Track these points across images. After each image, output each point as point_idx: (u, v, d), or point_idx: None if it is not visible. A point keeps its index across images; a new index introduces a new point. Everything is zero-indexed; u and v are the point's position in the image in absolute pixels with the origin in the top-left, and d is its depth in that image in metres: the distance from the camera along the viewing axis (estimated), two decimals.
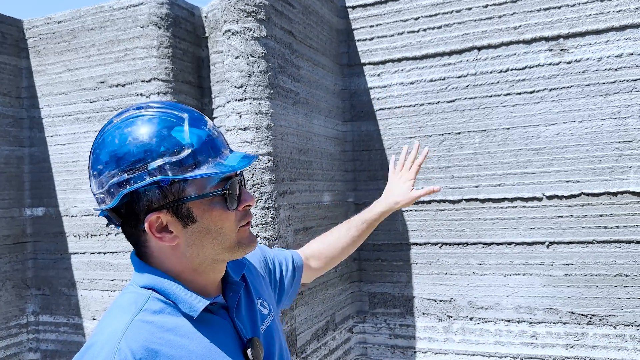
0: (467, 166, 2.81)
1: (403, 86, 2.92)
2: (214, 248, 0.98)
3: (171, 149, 0.93)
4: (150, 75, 3.19)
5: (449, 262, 2.85)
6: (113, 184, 0.93)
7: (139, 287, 0.98)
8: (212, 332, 0.98)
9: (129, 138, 0.93)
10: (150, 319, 0.93)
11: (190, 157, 0.94)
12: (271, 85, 2.22)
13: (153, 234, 0.95)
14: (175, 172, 0.93)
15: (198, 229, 0.96)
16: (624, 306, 2.53)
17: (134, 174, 0.92)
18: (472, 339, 2.79)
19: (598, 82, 2.59)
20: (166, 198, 0.93)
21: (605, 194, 2.57)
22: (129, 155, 0.92)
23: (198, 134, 0.96)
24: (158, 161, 0.92)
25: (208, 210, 0.96)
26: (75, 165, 3.37)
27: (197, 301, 0.96)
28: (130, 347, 0.88)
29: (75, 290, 3.40)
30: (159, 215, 0.94)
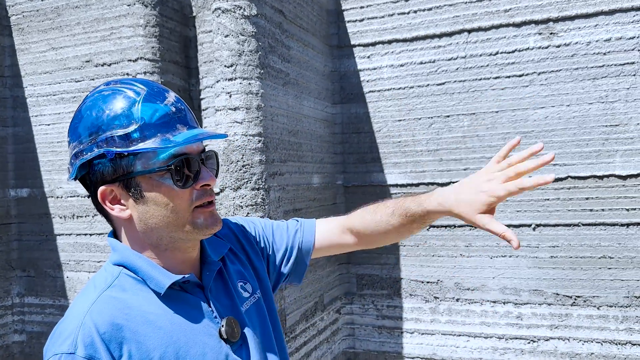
0: (455, 149, 2.83)
1: (393, 68, 2.92)
2: (165, 225, 0.97)
3: (120, 123, 0.94)
4: (137, 55, 3.14)
5: (436, 245, 2.87)
6: (72, 155, 0.97)
7: (111, 265, 1.00)
8: (183, 310, 0.97)
9: (87, 112, 0.97)
10: (117, 295, 0.94)
11: (137, 131, 0.94)
12: (261, 65, 2.20)
13: (104, 204, 0.97)
14: (120, 145, 0.94)
15: (147, 204, 0.97)
16: (607, 287, 2.58)
17: (86, 146, 0.95)
18: (459, 319, 2.83)
19: (586, 66, 2.60)
20: (116, 171, 0.95)
21: (591, 177, 2.60)
22: (84, 128, 0.96)
23: (153, 108, 0.96)
24: (107, 133, 0.94)
25: (157, 185, 0.96)
26: (60, 146, 3.32)
27: (164, 277, 0.97)
28: (95, 322, 0.89)
29: (61, 272, 3.37)
30: (112, 187, 0.96)
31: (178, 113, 0.99)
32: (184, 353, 0.94)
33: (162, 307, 0.96)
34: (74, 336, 0.88)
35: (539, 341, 2.68)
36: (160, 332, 0.93)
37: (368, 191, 2.98)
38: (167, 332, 0.94)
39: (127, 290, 0.95)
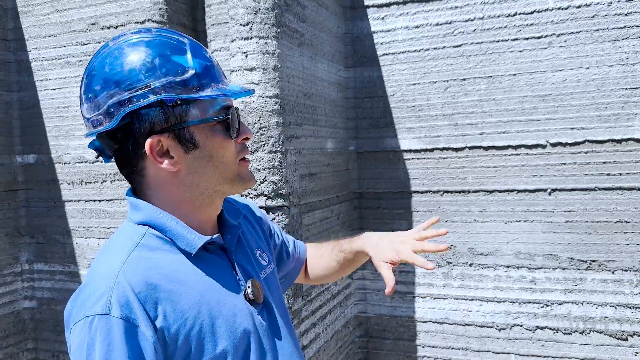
0: (471, 113, 2.78)
1: (408, 30, 2.85)
2: (215, 177, 0.96)
3: (174, 70, 0.91)
4: (144, 17, 3.06)
5: (450, 210, 2.86)
6: (113, 103, 0.90)
7: (134, 224, 0.96)
8: (210, 270, 0.96)
9: (130, 58, 0.91)
10: (147, 255, 0.91)
11: (195, 78, 0.92)
12: (278, 23, 2.14)
13: (154, 157, 0.92)
14: (179, 92, 0.90)
15: (200, 155, 0.94)
16: (623, 252, 2.57)
17: (137, 93, 0.89)
18: (471, 284, 2.83)
19: (607, 28, 2.54)
20: (168, 121, 0.91)
21: (609, 141, 2.57)
22: (131, 74, 0.90)
23: (200, 58, 0.94)
24: (162, 80, 0.90)
25: (211, 136, 0.94)
26: (67, 111, 3.27)
27: (195, 237, 0.94)
28: (129, 281, 0.86)
29: (70, 238, 3.36)
30: (160, 138, 0.91)
31: (218, 66, 0.99)
32: (216, 313, 0.92)
33: (192, 268, 0.93)
34: (108, 296, 0.84)
35: (553, 305, 2.69)
36: (193, 292, 0.91)
37: (381, 157, 2.95)
38: (199, 292, 0.92)
39: (155, 250, 0.92)
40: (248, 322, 0.97)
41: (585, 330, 2.64)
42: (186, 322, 0.88)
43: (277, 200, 2.15)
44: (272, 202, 2.15)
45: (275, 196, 2.15)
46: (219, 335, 0.91)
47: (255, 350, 0.96)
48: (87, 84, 0.94)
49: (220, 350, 0.91)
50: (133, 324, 0.84)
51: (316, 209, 2.54)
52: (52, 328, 3.38)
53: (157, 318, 0.86)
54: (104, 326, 0.83)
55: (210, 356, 0.90)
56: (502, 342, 2.78)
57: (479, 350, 2.83)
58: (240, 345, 0.94)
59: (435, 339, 2.91)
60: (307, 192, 2.40)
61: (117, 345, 0.82)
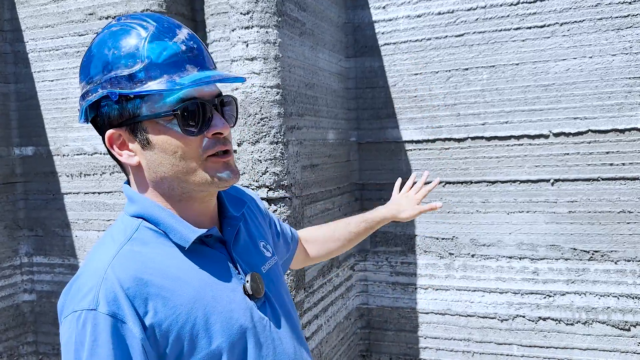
0: (474, 103, 2.76)
1: (409, 19, 2.82)
2: (175, 174, 0.91)
3: (125, 63, 0.88)
4: (142, 7, 3.02)
5: (452, 201, 2.84)
6: (81, 96, 0.93)
7: (128, 216, 0.94)
8: (207, 265, 0.93)
9: (95, 50, 0.92)
10: (139, 249, 0.89)
11: (142, 71, 0.88)
12: (279, 12, 2.11)
13: (113, 149, 0.92)
14: (125, 86, 0.88)
15: (155, 151, 0.91)
16: (626, 242, 2.56)
17: (90, 87, 0.91)
18: (474, 275, 2.82)
19: (611, 16, 2.52)
20: (122, 115, 0.90)
21: (612, 131, 2.55)
22: (92, 68, 0.91)
23: (161, 47, 0.88)
24: (112, 73, 0.88)
25: (164, 131, 0.90)
26: (65, 103, 3.24)
27: (189, 231, 0.91)
28: (118, 277, 0.84)
29: (69, 230, 3.34)
30: (120, 132, 0.91)
31: (189, 52, 0.91)
32: (211, 309, 0.89)
33: (186, 262, 0.91)
34: (95, 292, 0.82)
35: (555, 296, 2.68)
36: (187, 288, 0.88)
37: (382, 148, 2.93)
38: (193, 287, 0.89)
39: (148, 243, 0.90)
40: (246, 317, 0.94)
41: (587, 321, 2.64)
42: (178, 319, 0.86)
43: (278, 191, 2.13)
44: (273, 194, 2.13)
45: (277, 187, 2.13)
46: (214, 331, 0.89)
47: (253, 346, 0.94)
48: None
49: (215, 347, 0.89)
50: (120, 321, 0.82)
51: (318, 201, 2.52)
52: (52, 321, 3.37)
53: (147, 315, 0.84)
54: (91, 322, 0.81)
55: (205, 353, 0.88)
56: (504, 333, 2.78)
57: (481, 341, 2.82)
58: (237, 342, 0.92)
59: (437, 330, 2.91)
60: (308, 184, 2.38)
61: (103, 341, 0.81)
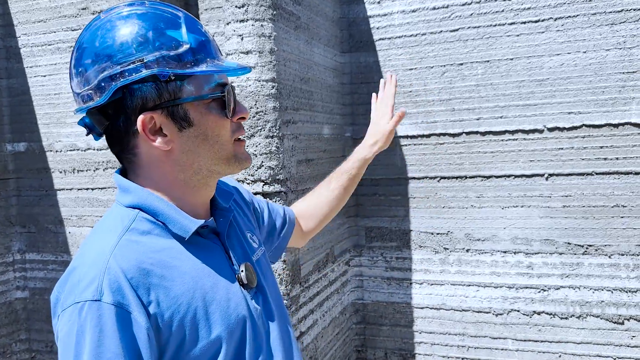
0: (468, 98, 2.76)
1: (404, 14, 2.82)
2: (210, 157, 0.93)
3: (168, 44, 0.87)
4: None
5: (447, 196, 2.85)
6: (105, 77, 0.86)
7: (124, 207, 0.92)
8: (204, 255, 0.93)
9: (122, 31, 0.87)
10: (138, 239, 0.88)
11: (189, 53, 0.88)
12: (274, 5, 2.11)
13: (146, 135, 0.89)
14: (173, 67, 0.87)
15: (195, 133, 0.91)
16: (619, 236, 2.57)
17: (129, 67, 0.86)
18: (468, 270, 2.83)
19: (604, 11, 2.53)
20: (162, 97, 0.88)
21: (606, 126, 2.56)
22: (123, 47, 0.86)
23: (195, 33, 0.91)
24: (156, 54, 0.86)
25: (205, 113, 0.91)
26: (58, 98, 3.21)
27: (189, 221, 0.91)
28: (121, 266, 0.83)
29: (62, 227, 3.31)
30: (153, 115, 0.88)
31: (214, 42, 0.95)
32: (210, 298, 0.90)
33: (185, 252, 0.91)
34: (99, 281, 0.80)
35: (550, 290, 2.70)
36: (186, 277, 0.88)
37: None
38: (192, 277, 0.89)
39: (146, 234, 0.89)
40: (242, 307, 0.95)
41: (582, 315, 2.65)
42: (180, 308, 0.86)
43: (274, 185, 2.12)
44: (269, 188, 2.12)
45: (273, 182, 2.12)
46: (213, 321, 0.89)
47: (250, 336, 0.95)
48: (76, 58, 0.90)
49: (215, 336, 0.89)
50: (126, 310, 0.81)
51: None
52: (45, 318, 3.34)
53: (150, 304, 0.83)
54: (95, 313, 0.79)
55: (205, 342, 0.88)
56: (499, 328, 2.79)
57: (476, 336, 2.83)
58: (235, 331, 0.92)
59: (432, 324, 2.91)
60: (304, 178, 2.38)
61: (109, 332, 0.79)
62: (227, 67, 0.92)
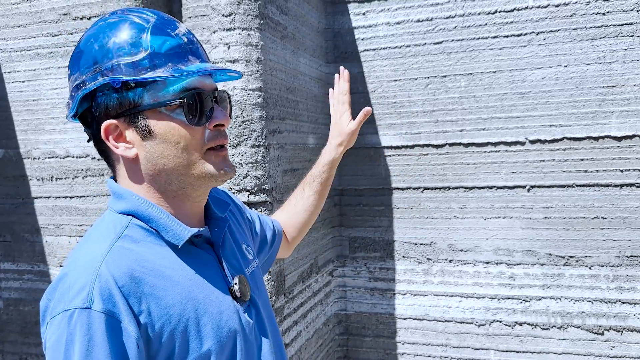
0: (452, 110, 2.79)
1: (389, 26, 2.84)
2: (175, 167, 0.90)
3: (128, 51, 0.87)
4: (119, 7, 2.97)
5: (430, 207, 2.86)
6: (74, 87, 0.90)
7: (116, 213, 0.91)
8: (197, 265, 0.92)
9: (91, 40, 0.90)
10: (131, 246, 0.86)
11: (147, 59, 0.87)
12: (261, 15, 2.10)
13: (108, 140, 0.89)
14: (128, 74, 0.86)
15: (156, 141, 0.89)
16: (599, 247, 2.61)
17: (88, 76, 0.88)
18: (451, 280, 2.84)
19: (585, 27, 2.58)
20: (122, 105, 0.88)
21: (587, 139, 2.61)
22: (88, 57, 0.89)
23: (163, 37, 0.89)
24: (113, 61, 0.87)
25: (167, 120, 0.88)
26: (36, 104, 3.15)
27: (182, 229, 0.90)
28: (112, 273, 0.81)
29: (39, 236, 3.24)
30: (117, 123, 0.88)
31: (190, 44, 0.92)
32: (202, 310, 0.88)
33: (177, 261, 0.89)
34: (89, 289, 0.79)
35: (531, 301, 2.72)
36: (178, 288, 0.87)
37: (361, 153, 2.93)
38: (185, 287, 0.88)
39: (139, 241, 0.88)
40: (234, 320, 0.93)
41: (563, 325, 2.68)
42: (171, 319, 0.84)
43: (259, 195, 2.10)
44: (254, 198, 2.10)
45: (258, 191, 2.10)
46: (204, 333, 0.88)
47: (241, 350, 0.93)
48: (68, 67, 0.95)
49: (206, 350, 0.88)
50: (116, 319, 0.79)
51: None
52: (19, 330, 3.25)
53: (141, 314, 0.82)
54: (84, 321, 0.78)
55: (195, 355, 0.86)
56: (481, 338, 2.80)
57: (458, 347, 2.84)
58: (226, 345, 0.91)
59: (415, 335, 2.91)
60: (289, 188, 2.36)
61: (98, 340, 0.78)
62: (184, 71, 0.88)
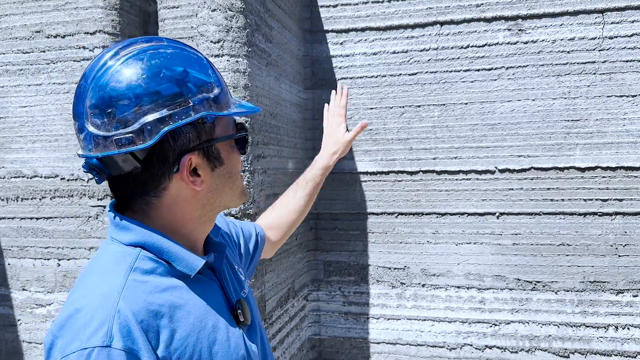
0: (425, 139, 2.88)
1: (366, 56, 2.92)
2: (230, 193, 0.97)
3: (204, 86, 0.88)
4: (95, 27, 2.94)
5: (404, 232, 2.92)
6: (151, 121, 0.83)
7: (122, 244, 0.90)
8: (204, 292, 0.93)
9: (162, 70, 0.85)
10: (143, 278, 0.86)
11: (221, 95, 0.91)
12: (248, 43, 2.14)
13: (187, 177, 0.89)
14: (214, 109, 0.89)
15: (223, 172, 0.94)
16: (565, 273, 2.73)
17: (177, 109, 0.84)
18: (424, 304, 2.90)
19: (551, 63, 2.74)
20: (200, 138, 0.88)
21: (553, 169, 2.74)
22: (167, 88, 0.84)
23: (217, 75, 0.93)
24: (199, 96, 0.87)
25: (231, 152, 0.95)
26: (3, 122, 3.06)
27: (195, 259, 0.91)
28: (132, 309, 0.81)
29: (1, 258, 3.11)
30: (191, 157, 0.88)
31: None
32: (212, 339, 0.90)
33: (188, 291, 0.90)
34: (109, 326, 0.78)
35: (501, 325, 2.81)
36: (191, 317, 0.88)
37: (338, 178, 2.98)
38: (196, 316, 0.89)
39: (149, 273, 0.88)
40: (241, 346, 0.95)
41: (530, 349, 2.77)
42: (186, 350, 0.85)
43: (244, 219, 2.11)
44: None
45: (243, 216, 2.11)
46: None
47: None
48: (98, 98, 0.84)
49: None
50: (135, 356, 0.79)
51: None
52: None
53: (159, 347, 0.82)
54: (104, 359, 0.77)
55: None
56: None
57: None
58: None
59: (388, 359, 2.94)
60: None
61: None
62: (252, 108, 0.96)
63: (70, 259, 2.95)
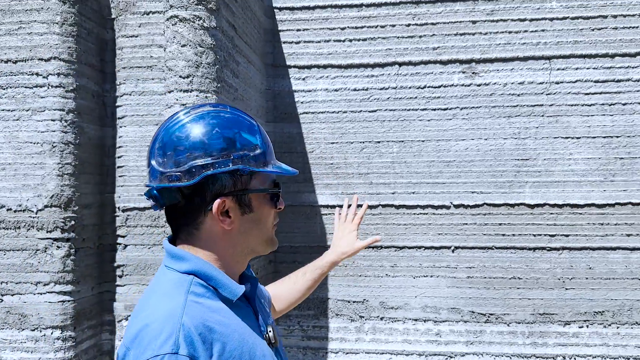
0: (385, 174, 2.96)
1: (327, 92, 2.99)
2: (257, 238, 1.12)
3: (249, 146, 1.07)
4: (50, 54, 2.86)
5: (363, 265, 2.96)
6: (196, 165, 1.04)
7: (179, 272, 1.07)
8: (242, 315, 1.09)
9: (215, 129, 1.07)
10: (199, 300, 1.02)
11: (262, 155, 1.10)
12: (218, 79, 2.15)
13: (218, 216, 1.05)
14: (251, 164, 1.07)
15: (252, 218, 1.09)
16: (516, 305, 2.85)
17: (219, 159, 1.04)
18: (382, 338, 2.93)
19: (503, 105, 2.89)
20: (235, 186, 1.06)
21: (504, 205, 2.88)
22: (216, 143, 1.05)
23: (264, 139, 1.12)
24: (240, 152, 1.06)
25: (262, 203, 1.11)
26: None
27: (236, 286, 1.08)
28: (193, 323, 0.97)
29: None
30: (224, 200, 1.05)
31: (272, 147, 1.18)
32: (253, 353, 1.05)
33: (231, 313, 1.06)
34: (176, 336, 0.94)
35: (456, 357, 2.87)
36: (236, 334, 1.03)
37: (298, 211, 3.00)
38: (240, 334, 1.04)
39: (201, 296, 1.04)
40: None
41: None
42: None
43: None
44: None
45: None
46: None
47: None
48: (170, 142, 1.06)
49: None
50: None
51: None
52: None
53: (213, 356, 0.97)
54: None
55: None
56: None
57: None
58: None
59: None
60: None
61: None
62: (287, 170, 1.14)
63: (14, 294, 2.80)
